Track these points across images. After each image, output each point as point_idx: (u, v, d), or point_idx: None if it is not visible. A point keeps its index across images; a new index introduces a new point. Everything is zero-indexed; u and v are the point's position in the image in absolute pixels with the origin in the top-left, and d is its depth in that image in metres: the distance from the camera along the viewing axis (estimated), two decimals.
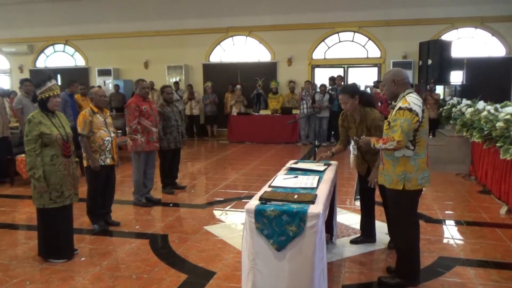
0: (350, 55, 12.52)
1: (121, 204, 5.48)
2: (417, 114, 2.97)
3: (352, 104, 3.68)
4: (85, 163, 4.51)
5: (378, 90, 10.34)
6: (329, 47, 12.63)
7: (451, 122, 8.58)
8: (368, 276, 3.43)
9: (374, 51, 12.33)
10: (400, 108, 3.00)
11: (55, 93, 3.72)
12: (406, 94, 3.09)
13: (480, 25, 11.60)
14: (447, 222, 4.84)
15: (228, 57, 13.31)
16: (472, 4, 11.34)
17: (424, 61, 10.87)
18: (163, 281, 3.38)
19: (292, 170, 3.72)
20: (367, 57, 12.44)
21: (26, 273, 3.56)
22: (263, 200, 2.71)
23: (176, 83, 12.59)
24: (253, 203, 2.70)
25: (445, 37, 11.64)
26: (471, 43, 11.80)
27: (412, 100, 3.02)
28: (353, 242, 4.12)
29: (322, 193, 2.94)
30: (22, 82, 7.25)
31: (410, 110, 2.96)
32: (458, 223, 4.81)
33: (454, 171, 7.23)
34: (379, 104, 9.91)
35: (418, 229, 3.26)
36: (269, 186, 3.12)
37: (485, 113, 6.41)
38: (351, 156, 3.91)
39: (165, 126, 5.96)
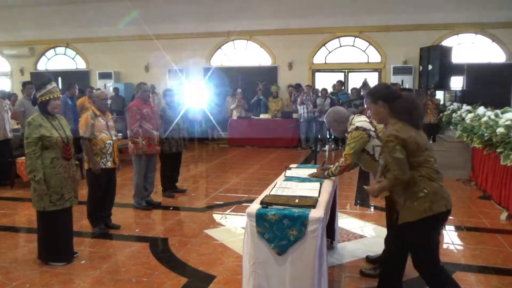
0: (351, 60, 12.56)
1: (121, 207, 5.47)
2: (364, 129, 3.27)
3: None
4: (86, 166, 4.50)
5: None
6: (329, 52, 12.66)
7: (451, 127, 8.58)
8: (368, 281, 3.43)
9: (374, 56, 12.37)
10: (347, 133, 3.36)
11: (55, 96, 3.71)
12: (351, 121, 3.41)
13: (481, 31, 11.64)
14: (448, 227, 4.83)
15: (229, 61, 13.34)
16: (473, 10, 11.38)
17: (424, 67, 10.89)
18: (163, 285, 3.37)
19: (292, 177, 3.68)
20: (368, 62, 12.47)
21: (26, 276, 3.55)
22: (264, 204, 2.70)
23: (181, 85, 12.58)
24: (254, 207, 2.70)
25: (445, 42, 11.68)
26: (471, 49, 11.84)
27: (357, 120, 3.37)
28: None
29: (323, 197, 2.93)
30: (25, 84, 7.24)
31: (357, 128, 3.27)
32: (458, 228, 4.80)
33: (455, 177, 7.22)
34: None
35: None
36: (270, 190, 3.11)
37: (485, 118, 6.42)
38: None
39: (167, 129, 5.97)
